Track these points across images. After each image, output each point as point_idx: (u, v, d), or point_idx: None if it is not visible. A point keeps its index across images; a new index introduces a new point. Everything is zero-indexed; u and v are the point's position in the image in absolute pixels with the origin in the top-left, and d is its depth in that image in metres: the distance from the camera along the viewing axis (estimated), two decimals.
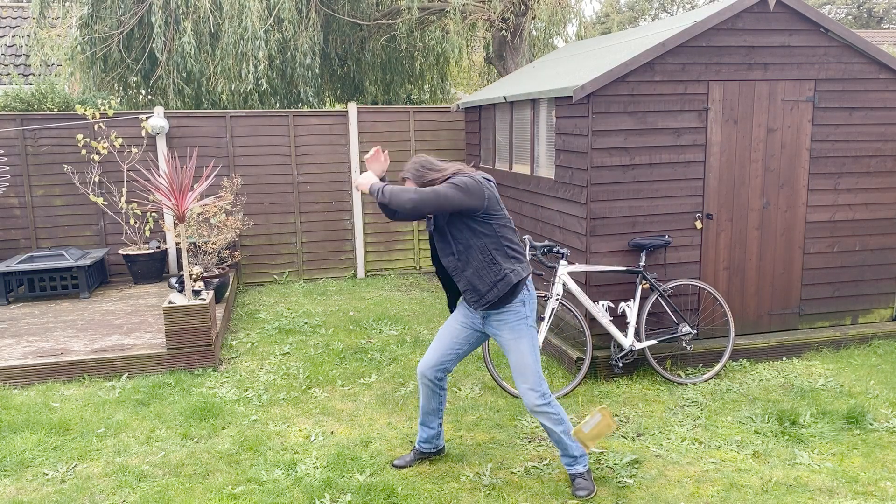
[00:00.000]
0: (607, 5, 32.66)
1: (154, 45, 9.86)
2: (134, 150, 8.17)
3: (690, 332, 5.44)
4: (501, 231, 3.66)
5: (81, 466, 4.16)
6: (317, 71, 10.58)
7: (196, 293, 5.95)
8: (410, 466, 4.09)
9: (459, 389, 5.26)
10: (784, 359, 5.79)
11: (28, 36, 11.22)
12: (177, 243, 8.35)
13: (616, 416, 4.80)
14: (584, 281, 5.47)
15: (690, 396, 5.09)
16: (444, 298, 8.03)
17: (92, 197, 7.97)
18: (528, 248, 5.30)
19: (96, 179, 8.14)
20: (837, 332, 5.98)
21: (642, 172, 5.42)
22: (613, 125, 5.30)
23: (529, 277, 3.81)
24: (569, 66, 6.62)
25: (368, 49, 12.04)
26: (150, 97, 11.44)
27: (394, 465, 4.10)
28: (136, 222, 8.27)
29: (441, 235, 3.74)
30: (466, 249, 3.66)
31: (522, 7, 10.80)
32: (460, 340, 3.94)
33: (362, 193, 8.95)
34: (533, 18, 11.04)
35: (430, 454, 4.16)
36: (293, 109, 10.00)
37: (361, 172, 8.92)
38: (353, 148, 8.89)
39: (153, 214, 8.34)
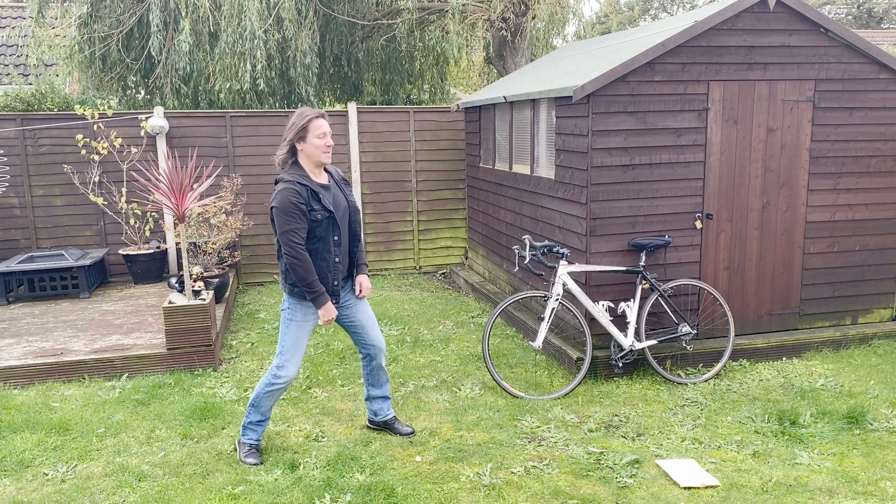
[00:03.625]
0: (607, 5, 32.67)
1: (153, 45, 9.85)
2: (134, 150, 8.17)
3: (690, 332, 5.44)
4: None
5: (81, 466, 4.16)
6: (316, 70, 10.58)
7: (196, 293, 5.94)
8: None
9: (459, 389, 5.26)
10: (784, 359, 5.79)
11: (26, 35, 11.22)
12: (177, 243, 8.35)
13: (616, 416, 4.81)
14: (584, 281, 5.47)
15: (690, 396, 5.09)
16: (443, 299, 8.04)
17: (92, 197, 7.97)
18: (528, 248, 5.31)
19: (96, 179, 8.14)
20: (837, 332, 5.98)
21: (642, 172, 5.42)
22: (613, 125, 5.30)
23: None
24: (569, 66, 6.62)
25: (368, 49, 12.03)
26: (148, 97, 11.44)
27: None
28: (136, 222, 8.27)
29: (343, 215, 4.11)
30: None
31: (522, 7, 10.79)
32: None
33: (362, 192, 8.96)
34: (533, 18, 11.04)
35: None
36: (293, 109, 9.99)
37: (362, 175, 8.95)
38: (353, 148, 8.89)
39: (153, 214, 8.34)
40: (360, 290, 4.24)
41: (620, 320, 5.37)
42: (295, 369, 4.12)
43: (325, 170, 4.11)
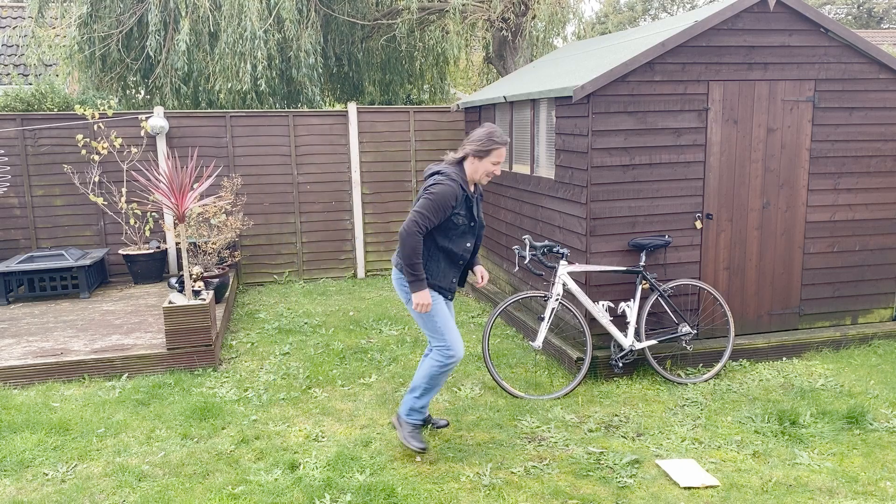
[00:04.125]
0: (607, 5, 32.66)
1: (152, 45, 9.85)
2: (134, 149, 8.17)
3: (690, 332, 5.44)
4: None
5: (81, 466, 4.16)
6: (320, 70, 10.59)
7: (196, 293, 5.94)
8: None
9: (459, 389, 5.26)
10: (784, 359, 5.79)
11: (26, 35, 11.22)
12: (177, 243, 8.35)
13: (616, 416, 4.81)
14: (584, 281, 5.47)
15: (690, 396, 5.09)
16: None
17: (92, 197, 7.97)
18: (528, 248, 5.31)
19: (96, 179, 8.14)
20: (837, 332, 5.98)
21: (642, 172, 5.42)
22: (613, 125, 5.30)
23: None
24: (569, 66, 6.62)
25: (368, 49, 12.04)
26: (148, 97, 11.44)
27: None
28: (136, 222, 8.27)
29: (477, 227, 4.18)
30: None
31: (522, 7, 10.80)
32: None
33: (362, 192, 8.96)
34: (533, 18, 11.05)
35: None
36: (293, 109, 10.00)
37: (362, 175, 8.95)
38: (353, 148, 8.89)
39: (153, 214, 8.34)
40: (482, 279, 4.42)
41: (620, 320, 5.37)
42: (461, 345, 4.12)
43: None
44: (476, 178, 4.05)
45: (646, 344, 5.31)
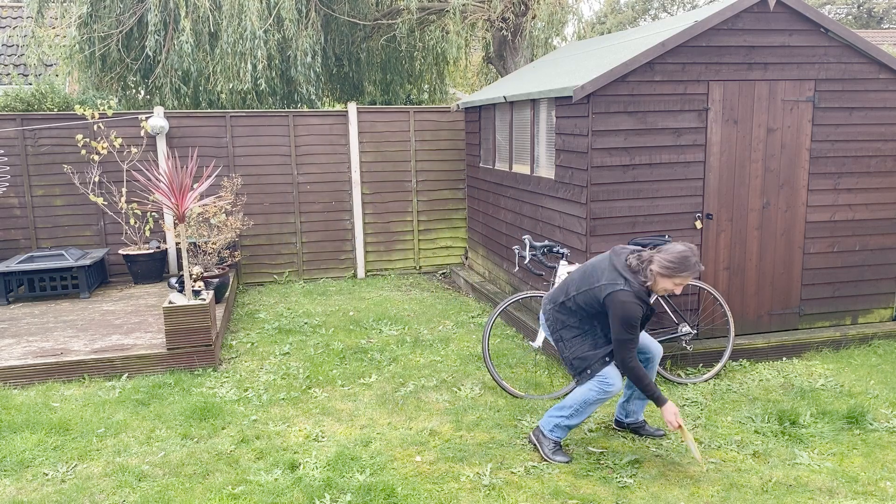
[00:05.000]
0: (607, 5, 32.65)
1: (152, 45, 9.85)
2: (134, 149, 8.17)
3: (690, 332, 5.44)
4: None
5: (81, 466, 4.16)
6: (318, 70, 10.59)
7: (196, 293, 5.94)
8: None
9: (459, 389, 5.26)
10: (784, 359, 5.79)
11: (26, 35, 11.22)
12: (177, 243, 8.35)
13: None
14: None
15: (690, 396, 5.09)
16: (443, 299, 8.04)
17: (92, 197, 7.97)
18: (527, 248, 5.31)
19: (96, 179, 8.14)
20: (837, 332, 5.98)
21: (642, 172, 5.42)
22: (613, 125, 5.30)
23: None
24: (569, 66, 6.62)
25: (368, 49, 12.04)
26: (148, 97, 11.44)
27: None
28: (136, 222, 8.27)
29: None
30: None
31: (522, 7, 10.80)
32: None
33: (362, 192, 8.96)
34: (533, 18, 11.04)
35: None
36: (293, 109, 10.00)
37: (362, 175, 8.96)
38: (353, 148, 8.89)
39: (153, 214, 8.34)
40: None
41: None
42: (620, 379, 4.13)
43: None
44: (656, 289, 4.02)
45: None
